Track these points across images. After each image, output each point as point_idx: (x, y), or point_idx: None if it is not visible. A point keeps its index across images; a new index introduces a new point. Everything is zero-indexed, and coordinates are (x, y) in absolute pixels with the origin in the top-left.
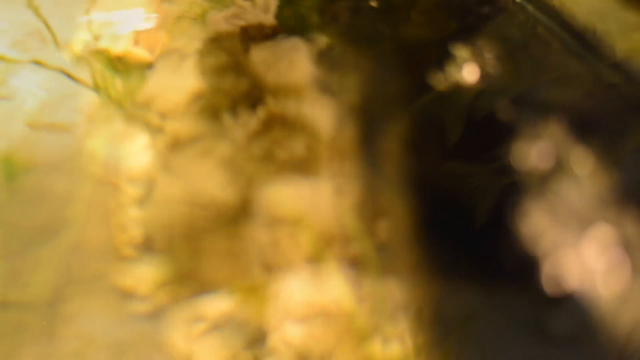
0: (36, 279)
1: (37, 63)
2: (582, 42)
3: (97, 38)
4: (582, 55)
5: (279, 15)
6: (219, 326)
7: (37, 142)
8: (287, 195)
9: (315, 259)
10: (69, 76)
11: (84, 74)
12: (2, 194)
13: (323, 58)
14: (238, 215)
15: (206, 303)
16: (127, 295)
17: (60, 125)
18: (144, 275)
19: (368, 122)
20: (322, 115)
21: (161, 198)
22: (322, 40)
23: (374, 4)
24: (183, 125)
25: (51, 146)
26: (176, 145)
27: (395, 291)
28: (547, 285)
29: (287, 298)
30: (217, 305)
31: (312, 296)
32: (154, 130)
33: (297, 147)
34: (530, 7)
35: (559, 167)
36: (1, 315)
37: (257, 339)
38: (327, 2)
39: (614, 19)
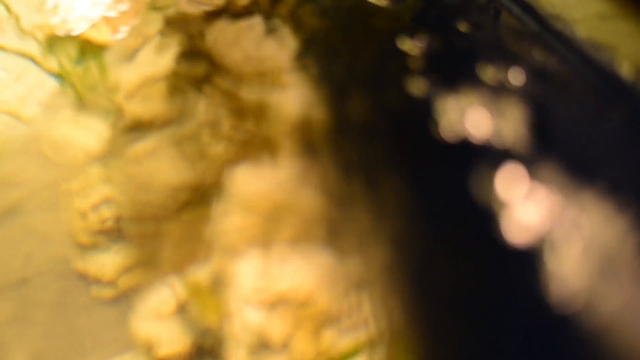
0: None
1: None
2: (547, 28)
3: (60, 22)
4: (547, 41)
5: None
6: (180, 311)
7: None
8: (250, 180)
9: (279, 242)
10: (31, 60)
11: (46, 58)
12: None
13: (289, 39)
14: (199, 199)
15: (167, 289)
16: (88, 280)
17: (20, 109)
18: (105, 261)
19: (339, 105)
20: (288, 97)
21: (122, 183)
22: (291, 22)
23: None
24: (145, 109)
25: (9, 130)
26: (137, 128)
27: (362, 276)
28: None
29: (247, 283)
30: (178, 290)
31: (272, 281)
32: (116, 115)
33: (262, 130)
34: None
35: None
36: None
37: (217, 325)
38: None
39: (580, 7)
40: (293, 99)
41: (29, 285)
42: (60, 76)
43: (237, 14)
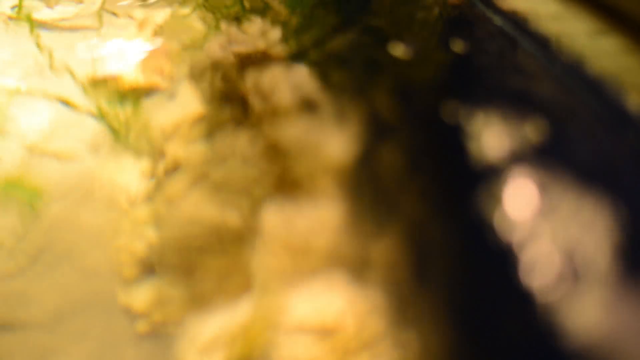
0: (41, 301)
1: (39, 92)
2: (556, 61)
3: (99, 67)
4: (556, 74)
5: (283, 42)
6: (223, 343)
7: (41, 170)
8: (288, 217)
9: (316, 276)
10: (71, 106)
11: (86, 103)
12: (11, 219)
13: (322, 85)
14: (241, 236)
15: (210, 321)
16: (132, 315)
17: (65, 153)
18: (149, 295)
19: (370, 142)
20: (320, 139)
21: (164, 221)
22: (320, 67)
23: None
24: (183, 151)
25: (55, 174)
26: (177, 169)
27: (392, 306)
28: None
29: (290, 314)
30: (221, 322)
31: (313, 312)
32: (156, 155)
33: (296, 170)
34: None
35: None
36: (8, 336)
37: (260, 356)
38: (326, 35)
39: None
40: (331, 141)
41: (74, 319)
42: (99, 118)
43: (269, 58)
